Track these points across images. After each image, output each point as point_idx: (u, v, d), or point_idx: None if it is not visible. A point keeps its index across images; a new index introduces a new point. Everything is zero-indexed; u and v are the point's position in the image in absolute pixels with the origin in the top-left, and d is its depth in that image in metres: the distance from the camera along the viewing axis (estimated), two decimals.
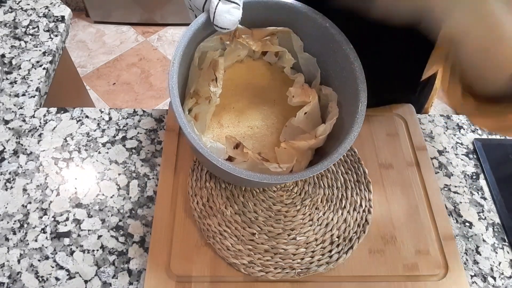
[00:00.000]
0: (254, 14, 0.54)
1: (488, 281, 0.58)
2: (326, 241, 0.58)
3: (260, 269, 0.55)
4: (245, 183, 0.60)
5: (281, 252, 0.57)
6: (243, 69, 0.61)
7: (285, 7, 0.54)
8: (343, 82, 0.55)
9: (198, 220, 0.59)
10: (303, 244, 0.58)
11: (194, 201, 0.60)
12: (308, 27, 0.56)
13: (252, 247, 0.57)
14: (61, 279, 0.56)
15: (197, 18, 0.51)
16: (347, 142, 0.49)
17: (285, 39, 0.58)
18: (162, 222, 0.59)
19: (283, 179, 0.47)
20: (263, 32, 0.56)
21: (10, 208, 0.61)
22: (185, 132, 0.46)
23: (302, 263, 0.56)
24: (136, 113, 0.73)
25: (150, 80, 1.96)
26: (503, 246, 0.61)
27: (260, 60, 0.61)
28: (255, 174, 0.46)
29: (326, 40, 0.55)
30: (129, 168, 0.66)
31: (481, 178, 0.68)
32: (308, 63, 0.59)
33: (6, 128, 0.70)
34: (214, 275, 0.55)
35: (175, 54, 0.49)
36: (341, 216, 0.60)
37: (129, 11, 2.09)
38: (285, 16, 0.55)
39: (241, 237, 0.57)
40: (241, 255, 0.56)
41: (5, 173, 0.65)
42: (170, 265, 0.55)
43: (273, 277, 0.55)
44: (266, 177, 0.46)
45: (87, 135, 0.70)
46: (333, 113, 0.54)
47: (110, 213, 0.61)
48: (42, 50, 0.81)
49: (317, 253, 0.57)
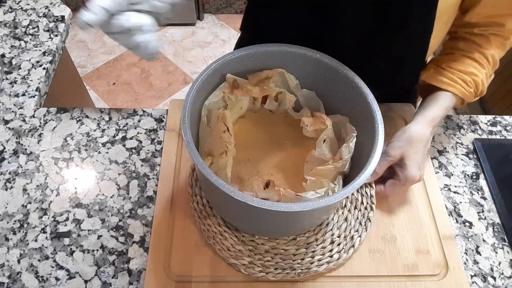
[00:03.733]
0: (247, 65, 0.56)
1: (488, 281, 0.58)
2: (326, 240, 0.58)
3: (261, 269, 0.55)
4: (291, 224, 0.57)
5: (282, 253, 0.57)
6: (248, 123, 0.62)
7: (274, 52, 0.56)
8: (350, 102, 0.55)
9: (198, 220, 0.59)
10: (303, 244, 0.58)
11: (194, 201, 0.60)
12: (299, 63, 0.57)
13: (253, 248, 0.57)
14: (61, 279, 0.55)
15: (199, 75, 0.53)
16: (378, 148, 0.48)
17: (280, 81, 0.59)
18: (162, 222, 0.59)
19: (330, 201, 0.44)
20: (259, 76, 0.57)
21: (10, 208, 0.61)
22: (218, 184, 0.44)
23: (302, 263, 0.56)
24: (136, 113, 0.73)
25: (150, 80, 1.96)
26: (503, 246, 0.61)
27: (260, 110, 0.63)
28: (307, 203, 0.44)
29: (321, 70, 0.56)
30: (129, 168, 0.66)
31: (481, 178, 0.68)
32: (308, 98, 0.60)
33: (6, 128, 0.70)
34: (214, 275, 0.55)
35: (184, 112, 0.49)
36: (342, 215, 0.60)
37: None
38: (276, 61, 0.57)
39: (241, 237, 0.57)
40: (242, 255, 0.56)
41: (5, 173, 0.65)
42: (170, 265, 0.55)
43: (273, 277, 0.55)
44: (318, 202, 0.44)
45: (87, 135, 0.69)
46: (350, 134, 0.54)
47: (110, 213, 0.61)
48: (42, 50, 0.81)
49: (317, 253, 0.57)
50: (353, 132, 0.54)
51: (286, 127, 0.62)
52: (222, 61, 0.54)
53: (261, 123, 0.62)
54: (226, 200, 0.47)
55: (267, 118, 0.63)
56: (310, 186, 0.52)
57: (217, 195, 0.53)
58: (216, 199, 0.55)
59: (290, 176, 0.57)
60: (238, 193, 0.43)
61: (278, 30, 0.66)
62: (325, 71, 0.56)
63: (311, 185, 0.52)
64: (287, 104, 0.61)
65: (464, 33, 0.63)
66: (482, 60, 0.62)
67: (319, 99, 0.60)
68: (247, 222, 0.56)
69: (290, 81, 0.59)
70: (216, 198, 0.55)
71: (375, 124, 0.50)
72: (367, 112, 0.52)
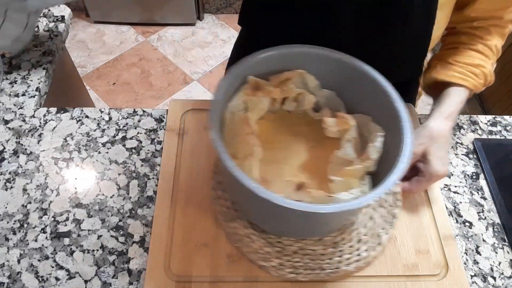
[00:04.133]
0: (268, 66, 0.56)
1: (488, 281, 0.58)
2: (353, 239, 0.58)
3: (291, 270, 0.55)
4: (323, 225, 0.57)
5: (310, 253, 0.57)
6: (267, 124, 0.61)
7: (295, 53, 0.56)
8: (372, 101, 0.55)
9: (224, 222, 0.58)
10: (330, 244, 0.57)
11: (218, 204, 0.60)
12: (320, 64, 0.57)
13: (281, 249, 0.57)
14: (61, 279, 0.55)
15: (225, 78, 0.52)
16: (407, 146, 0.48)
17: (300, 82, 0.59)
18: (162, 222, 0.59)
19: (367, 200, 0.44)
20: (280, 78, 0.57)
21: (10, 208, 0.61)
22: (253, 188, 0.43)
23: (331, 263, 0.56)
24: (136, 113, 0.73)
25: (150, 80, 1.96)
26: (503, 246, 0.61)
27: (279, 111, 0.62)
28: (347, 204, 0.44)
29: (342, 70, 0.56)
30: (129, 168, 0.66)
31: (481, 178, 0.68)
32: (328, 98, 0.60)
33: (6, 128, 0.70)
34: (214, 275, 0.55)
35: (212, 115, 0.48)
36: (366, 213, 0.60)
37: (129, 11, 2.09)
38: (296, 61, 0.57)
39: (268, 239, 0.57)
40: (270, 257, 0.56)
41: (5, 173, 0.65)
42: (170, 265, 0.55)
43: (303, 278, 0.54)
44: (356, 202, 0.44)
45: (87, 135, 0.69)
46: (375, 133, 0.54)
47: (110, 213, 0.61)
48: (42, 50, 0.81)
49: (345, 252, 0.57)
50: (379, 131, 0.53)
51: (306, 127, 0.61)
52: (245, 63, 0.54)
53: (280, 124, 0.61)
54: (257, 203, 0.47)
55: (286, 119, 0.62)
56: (338, 186, 0.52)
57: (247, 198, 0.52)
58: (245, 201, 0.55)
59: (314, 177, 0.57)
60: (275, 196, 0.43)
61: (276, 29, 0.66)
62: (346, 70, 0.56)
63: (339, 185, 0.52)
64: (307, 104, 0.60)
65: (463, 27, 0.64)
66: (486, 51, 0.63)
67: (339, 99, 0.60)
68: (276, 224, 0.55)
69: (310, 82, 0.58)
70: (245, 201, 0.54)
71: (401, 123, 0.50)
72: (392, 110, 0.52)
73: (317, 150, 0.59)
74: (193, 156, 0.66)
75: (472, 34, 0.63)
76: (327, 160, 0.56)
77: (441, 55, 0.66)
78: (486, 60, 0.63)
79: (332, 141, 0.58)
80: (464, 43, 0.63)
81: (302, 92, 0.59)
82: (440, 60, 0.65)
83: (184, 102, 0.72)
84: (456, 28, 0.65)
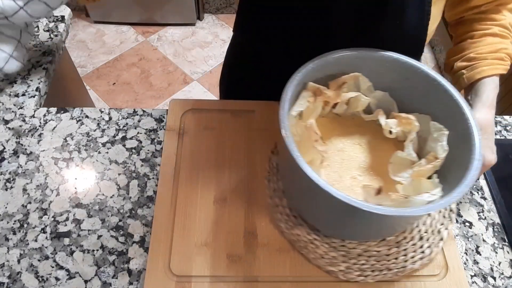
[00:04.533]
0: (324, 71, 0.56)
1: (488, 281, 0.58)
2: (415, 237, 0.58)
3: (359, 273, 0.55)
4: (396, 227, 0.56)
5: (375, 255, 0.57)
6: (320, 128, 0.60)
7: (350, 56, 0.56)
8: (429, 99, 0.56)
9: (286, 230, 0.58)
10: (393, 244, 0.58)
11: (277, 212, 0.60)
12: (374, 66, 0.57)
13: (345, 253, 0.57)
14: (61, 279, 0.55)
15: (287, 87, 0.52)
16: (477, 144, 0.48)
17: (353, 84, 0.59)
18: (162, 222, 0.59)
19: (455, 198, 0.45)
20: (338, 82, 0.57)
21: (10, 208, 0.61)
22: (333, 192, 0.43)
23: (397, 263, 0.56)
24: (136, 113, 0.73)
25: (150, 80, 1.96)
26: (503, 246, 0.61)
27: (328, 115, 0.62)
28: (437, 204, 0.44)
29: (396, 70, 0.57)
30: (129, 168, 0.66)
31: (481, 178, 0.68)
32: (380, 99, 0.60)
33: (6, 128, 0.70)
34: (214, 275, 0.55)
35: (283, 125, 0.48)
36: None
37: (129, 11, 2.09)
38: (350, 65, 0.57)
39: (332, 244, 0.57)
40: (337, 262, 0.56)
41: (5, 173, 0.65)
42: (170, 265, 0.55)
43: (371, 280, 0.55)
44: (444, 202, 0.44)
45: (87, 135, 0.69)
46: (438, 133, 0.54)
47: (110, 213, 0.61)
48: (42, 50, 0.81)
49: (409, 251, 0.57)
50: (443, 129, 0.53)
51: (357, 129, 0.61)
52: (304, 71, 0.54)
53: (332, 128, 0.61)
54: (330, 208, 0.48)
55: (337, 122, 0.62)
56: (407, 187, 0.52)
57: (318, 204, 0.52)
58: (313, 206, 0.54)
59: (374, 179, 0.57)
60: (362, 204, 0.43)
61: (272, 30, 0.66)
62: (401, 71, 0.56)
63: (408, 186, 0.52)
64: (359, 106, 0.60)
65: (472, 14, 0.64)
66: (503, 32, 0.62)
67: (392, 99, 0.60)
68: (344, 227, 0.55)
69: (363, 84, 0.58)
70: (314, 206, 0.54)
71: (466, 121, 0.51)
72: (453, 108, 0.52)
73: (373, 151, 0.59)
74: (193, 156, 0.66)
75: (484, 18, 0.63)
76: (384, 161, 0.56)
77: (460, 50, 0.65)
78: (506, 41, 0.62)
79: (386, 142, 0.58)
80: (478, 30, 0.63)
81: (357, 94, 0.59)
82: (463, 57, 0.64)
83: (184, 102, 0.72)
84: (465, 17, 0.65)
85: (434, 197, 0.47)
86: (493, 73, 0.62)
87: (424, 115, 0.56)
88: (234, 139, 0.68)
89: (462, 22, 0.66)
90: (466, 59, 0.63)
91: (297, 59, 0.55)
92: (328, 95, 0.57)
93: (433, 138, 0.54)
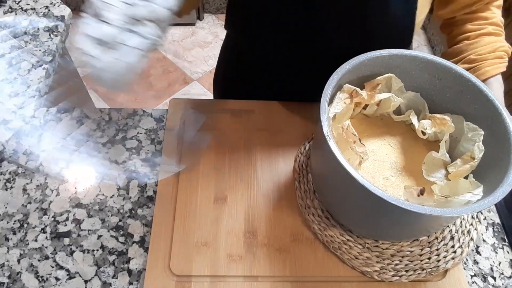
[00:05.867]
0: (358, 73, 0.57)
1: (488, 281, 0.58)
2: (446, 237, 0.59)
3: (393, 273, 0.55)
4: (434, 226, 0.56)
5: (408, 255, 0.57)
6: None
7: (384, 57, 0.56)
8: (462, 100, 0.56)
9: (319, 232, 0.58)
10: (426, 244, 0.58)
11: (309, 213, 0.60)
12: (407, 66, 0.57)
13: (379, 253, 0.57)
14: (61, 279, 0.56)
15: (326, 89, 0.52)
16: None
17: (384, 85, 0.59)
18: (162, 222, 0.59)
19: (498, 198, 0.45)
20: (372, 84, 0.57)
21: (10, 208, 0.61)
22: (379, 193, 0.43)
23: (430, 262, 0.56)
24: (136, 113, 0.73)
25: (150, 80, 1.96)
26: (503, 246, 0.61)
27: (357, 116, 0.62)
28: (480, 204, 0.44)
29: (428, 71, 0.57)
30: (129, 168, 0.66)
31: None
32: (410, 100, 0.60)
33: (6, 128, 0.70)
34: (214, 275, 0.55)
35: (326, 129, 0.48)
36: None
37: None
38: (383, 66, 0.57)
39: (365, 244, 0.57)
40: (371, 262, 0.56)
41: (5, 173, 0.65)
42: (170, 265, 0.55)
43: (406, 279, 0.55)
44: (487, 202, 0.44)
45: (87, 135, 0.69)
46: (473, 133, 0.54)
47: (110, 213, 0.61)
48: (42, 50, 0.81)
49: (441, 251, 0.57)
50: (477, 130, 0.54)
51: (387, 130, 0.62)
52: (341, 72, 0.54)
53: (362, 129, 0.61)
54: (370, 209, 0.48)
55: (365, 123, 0.62)
56: (444, 188, 0.52)
57: (358, 204, 0.52)
58: (351, 207, 0.54)
59: (407, 179, 0.57)
60: (413, 206, 0.43)
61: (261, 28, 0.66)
62: (433, 71, 0.57)
63: (445, 186, 0.52)
64: (390, 107, 0.60)
65: (463, 15, 0.64)
66: (496, 30, 0.63)
67: (423, 100, 0.60)
68: (379, 228, 0.55)
69: (395, 85, 0.59)
70: (352, 207, 0.54)
71: (504, 121, 0.51)
72: (490, 108, 0.52)
73: (403, 152, 0.59)
74: (193, 156, 0.66)
75: (476, 18, 0.63)
76: (415, 162, 0.57)
77: (458, 52, 0.65)
78: (500, 38, 0.63)
79: (417, 142, 0.59)
80: (473, 31, 0.63)
81: (390, 95, 0.59)
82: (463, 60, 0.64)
83: (184, 102, 0.72)
84: (456, 17, 0.65)
85: (476, 197, 0.47)
86: (496, 72, 0.62)
87: (457, 116, 0.56)
88: (234, 139, 0.68)
89: (455, 23, 0.66)
90: (467, 61, 0.64)
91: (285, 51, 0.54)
92: (363, 97, 0.57)
93: (467, 138, 0.55)
